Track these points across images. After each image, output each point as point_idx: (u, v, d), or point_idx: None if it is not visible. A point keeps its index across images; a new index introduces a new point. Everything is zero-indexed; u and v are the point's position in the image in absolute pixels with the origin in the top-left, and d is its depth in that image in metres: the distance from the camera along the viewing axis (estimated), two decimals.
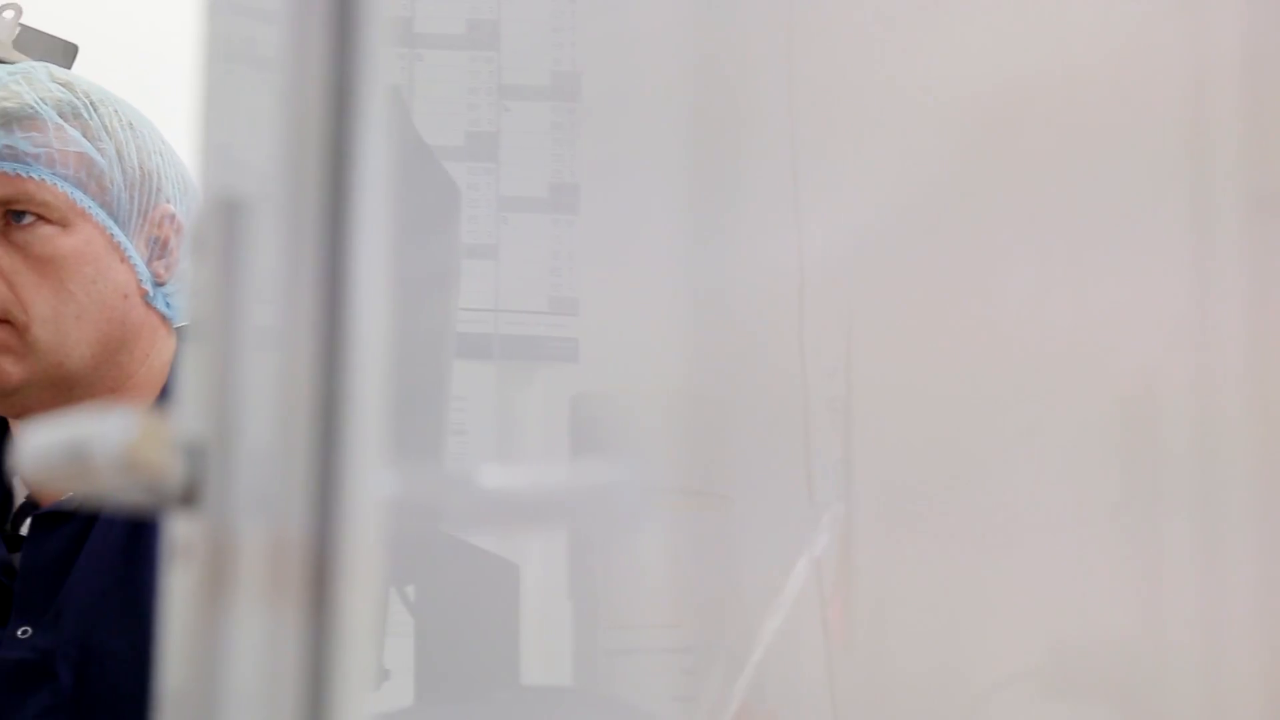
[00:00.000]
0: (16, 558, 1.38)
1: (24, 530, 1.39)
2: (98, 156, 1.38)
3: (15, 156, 1.36)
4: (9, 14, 2.18)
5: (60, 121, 1.37)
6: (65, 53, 2.22)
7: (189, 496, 0.53)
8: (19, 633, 1.34)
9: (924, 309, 0.95)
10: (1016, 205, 0.93)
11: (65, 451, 0.52)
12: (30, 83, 1.39)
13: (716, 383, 1.06)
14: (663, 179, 1.09)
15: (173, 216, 1.43)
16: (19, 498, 1.42)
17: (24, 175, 1.36)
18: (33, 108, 1.37)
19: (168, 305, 1.44)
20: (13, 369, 1.35)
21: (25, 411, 1.39)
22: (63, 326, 1.36)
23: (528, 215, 1.20)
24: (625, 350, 1.12)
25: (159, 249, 1.42)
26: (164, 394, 1.43)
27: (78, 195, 1.37)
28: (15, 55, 2.13)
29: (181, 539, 0.54)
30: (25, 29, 2.20)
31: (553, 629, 1.08)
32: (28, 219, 1.36)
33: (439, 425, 1.14)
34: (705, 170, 1.07)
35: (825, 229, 0.99)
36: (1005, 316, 0.92)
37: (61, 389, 1.37)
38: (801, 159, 1.00)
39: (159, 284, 1.42)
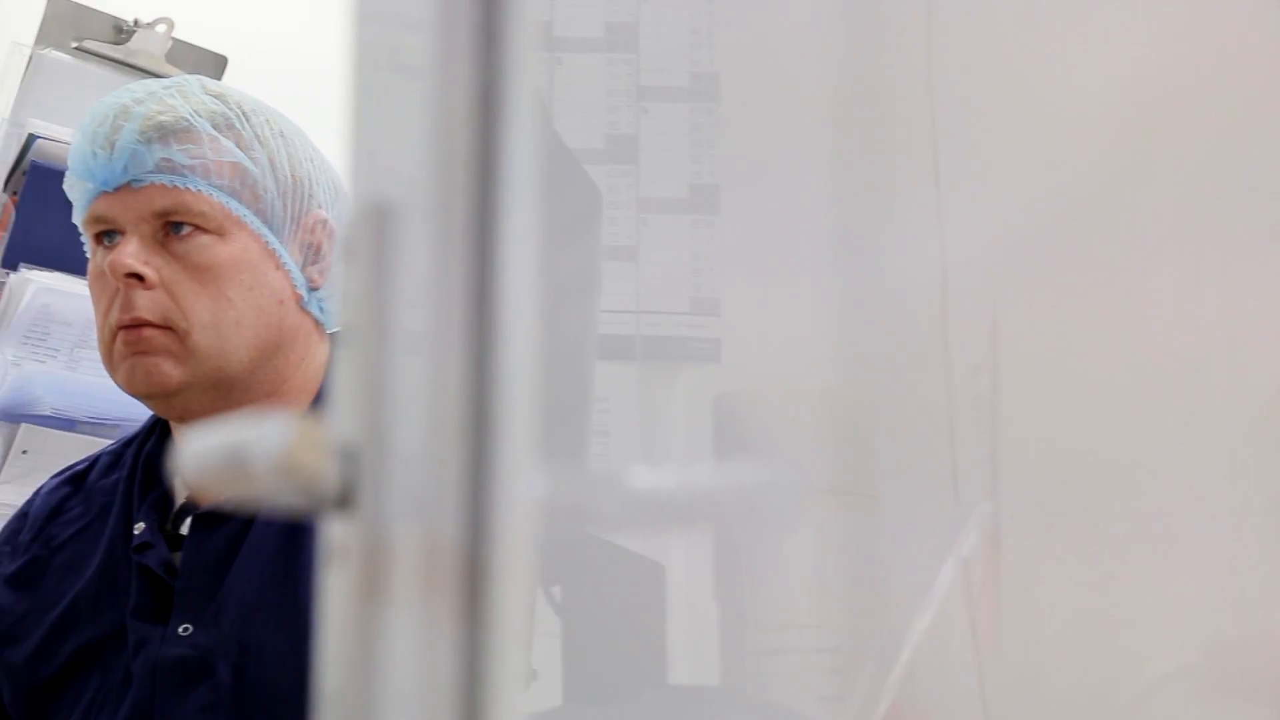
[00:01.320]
0: (178, 556, 1.41)
1: (184, 530, 1.42)
2: (251, 166, 1.40)
3: (172, 169, 1.38)
4: (161, 28, 2.22)
5: (214, 133, 1.40)
6: (215, 65, 2.26)
7: (344, 500, 0.54)
8: (180, 630, 1.37)
9: (1070, 306, 0.94)
10: (1165, 202, 0.91)
11: (225, 455, 0.53)
12: (184, 96, 1.41)
13: (860, 382, 1.06)
14: (804, 178, 1.08)
15: (325, 222, 1.45)
16: (179, 498, 1.45)
17: (181, 187, 1.38)
18: (187, 120, 1.39)
19: (321, 310, 1.46)
20: (174, 372, 1.38)
21: (186, 413, 1.42)
22: (222, 332, 1.38)
23: (667, 216, 1.20)
24: (768, 350, 1.12)
25: (312, 254, 1.44)
26: (319, 398, 1.45)
27: (233, 204, 1.39)
28: (168, 68, 2.17)
29: (336, 541, 0.54)
30: (176, 42, 2.24)
31: (699, 629, 1.08)
32: (186, 229, 1.39)
33: (583, 427, 1.15)
34: (846, 169, 1.07)
35: (968, 227, 0.98)
36: (1155, 314, 0.90)
37: (220, 392, 1.40)
38: (943, 157, 0.99)
39: (313, 289, 1.44)
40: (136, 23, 2.22)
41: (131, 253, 1.37)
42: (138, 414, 1.56)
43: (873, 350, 1.05)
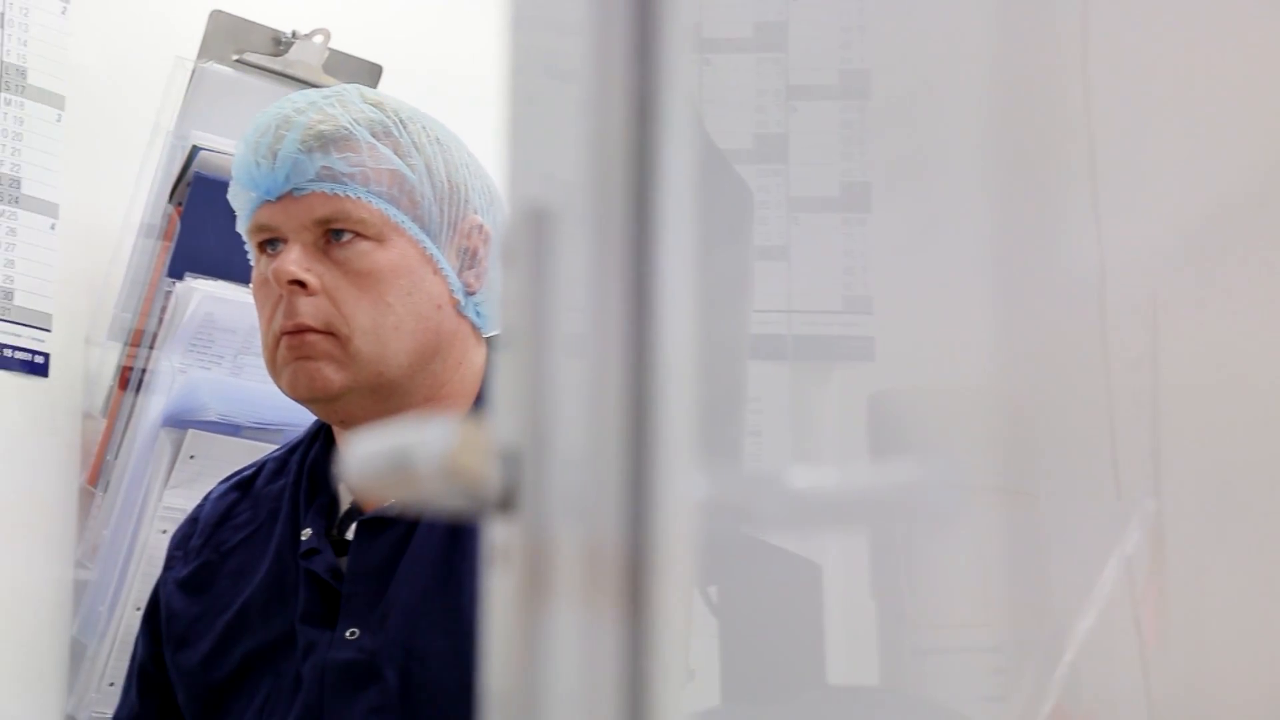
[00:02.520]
0: (343, 561, 1.43)
1: (349, 535, 1.44)
2: (409, 173, 1.42)
3: (333, 177, 1.41)
4: (318, 39, 2.26)
5: (373, 141, 1.42)
6: (370, 74, 2.29)
7: (506, 502, 0.54)
8: (347, 634, 1.39)
9: (1232, 301, 0.92)
10: None
11: (389, 460, 0.54)
12: (343, 105, 1.43)
13: (1018, 378, 1.05)
14: (957, 175, 1.07)
15: (480, 227, 1.46)
16: (344, 503, 1.47)
17: (341, 194, 1.41)
18: (347, 129, 1.41)
19: (478, 314, 1.47)
20: (336, 377, 1.40)
21: (347, 417, 1.45)
22: (382, 337, 1.40)
23: (818, 215, 1.19)
24: (923, 348, 1.11)
25: (469, 259, 1.46)
26: (478, 401, 1.46)
27: (391, 211, 1.41)
28: (324, 79, 2.21)
29: (499, 543, 0.55)
30: (333, 53, 2.27)
31: (857, 629, 1.08)
32: (346, 236, 1.41)
33: (737, 427, 1.14)
34: (1001, 166, 1.06)
35: (1126, 223, 0.97)
36: None
37: (381, 396, 1.42)
38: (1100, 154, 0.97)
39: (469, 293, 1.46)
40: (294, 34, 2.26)
41: (294, 260, 1.40)
42: (300, 419, 1.59)
43: (1030, 347, 1.03)
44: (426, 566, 1.39)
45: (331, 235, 1.41)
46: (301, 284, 1.40)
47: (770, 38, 1.24)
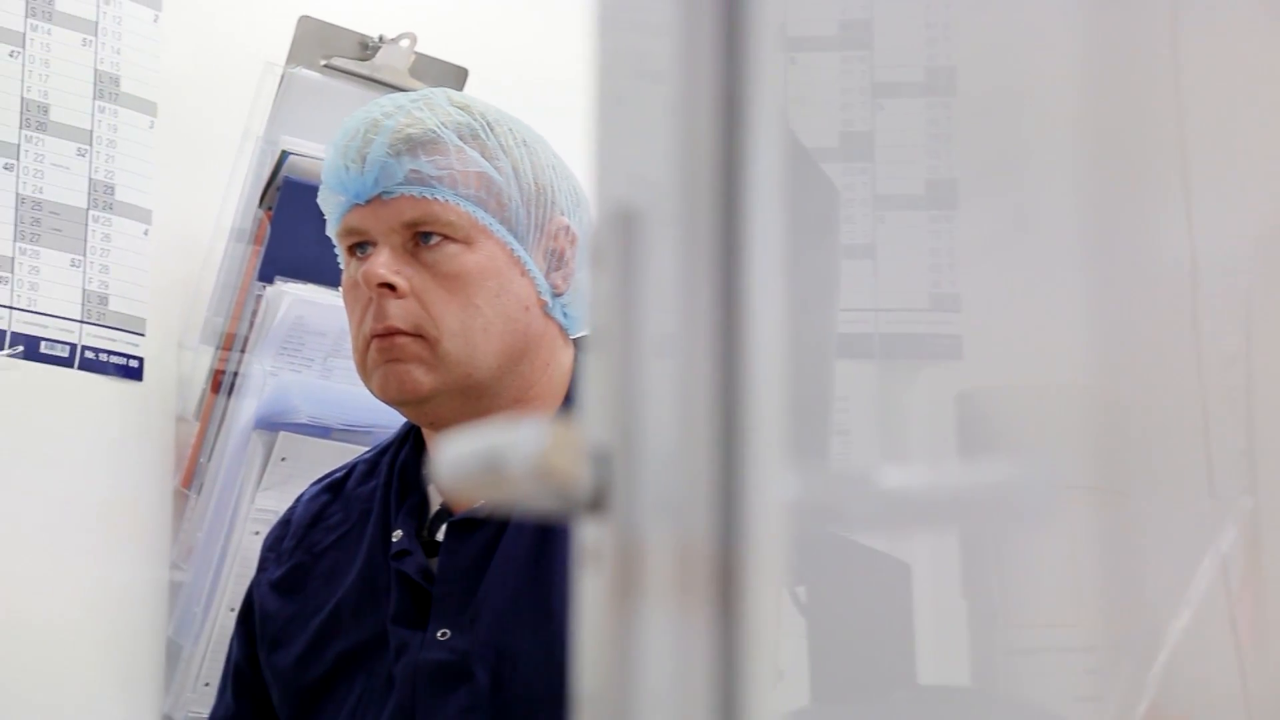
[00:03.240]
0: (434, 562, 1.44)
1: (440, 536, 1.45)
2: (496, 175, 1.43)
3: (421, 180, 1.41)
4: (404, 43, 2.27)
5: (460, 143, 1.43)
6: (456, 77, 2.31)
7: (597, 502, 0.54)
8: (438, 635, 1.40)
9: None
10: None
11: (481, 461, 0.54)
12: (431, 108, 1.44)
13: (1109, 376, 1.04)
14: (1045, 173, 1.06)
15: (567, 228, 1.47)
16: (434, 505, 1.48)
17: (429, 197, 1.41)
18: (434, 132, 1.42)
19: (565, 315, 1.47)
20: (425, 379, 1.41)
21: (437, 419, 1.46)
22: (471, 339, 1.41)
23: (904, 213, 1.19)
24: (1012, 346, 1.10)
25: (555, 260, 1.46)
26: (566, 402, 1.47)
27: (479, 213, 1.42)
28: (411, 82, 2.22)
29: (590, 544, 0.55)
30: (419, 56, 2.29)
31: (948, 628, 1.07)
32: (435, 239, 1.42)
33: (825, 427, 1.14)
34: (1090, 163, 1.05)
35: (1219, 221, 0.96)
36: None
37: (470, 398, 1.42)
38: (1191, 147, 0.96)
39: (557, 294, 1.46)
40: (381, 39, 2.28)
41: (383, 263, 1.41)
42: (389, 421, 1.60)
43: (1123, 344, 1.03)
44: (516, 567, 1.39)
45: (420, 238, 1.42)
46: (391, 287, 1.41)
47: (855, 35, 1.23)
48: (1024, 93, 1.10)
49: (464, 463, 0.55)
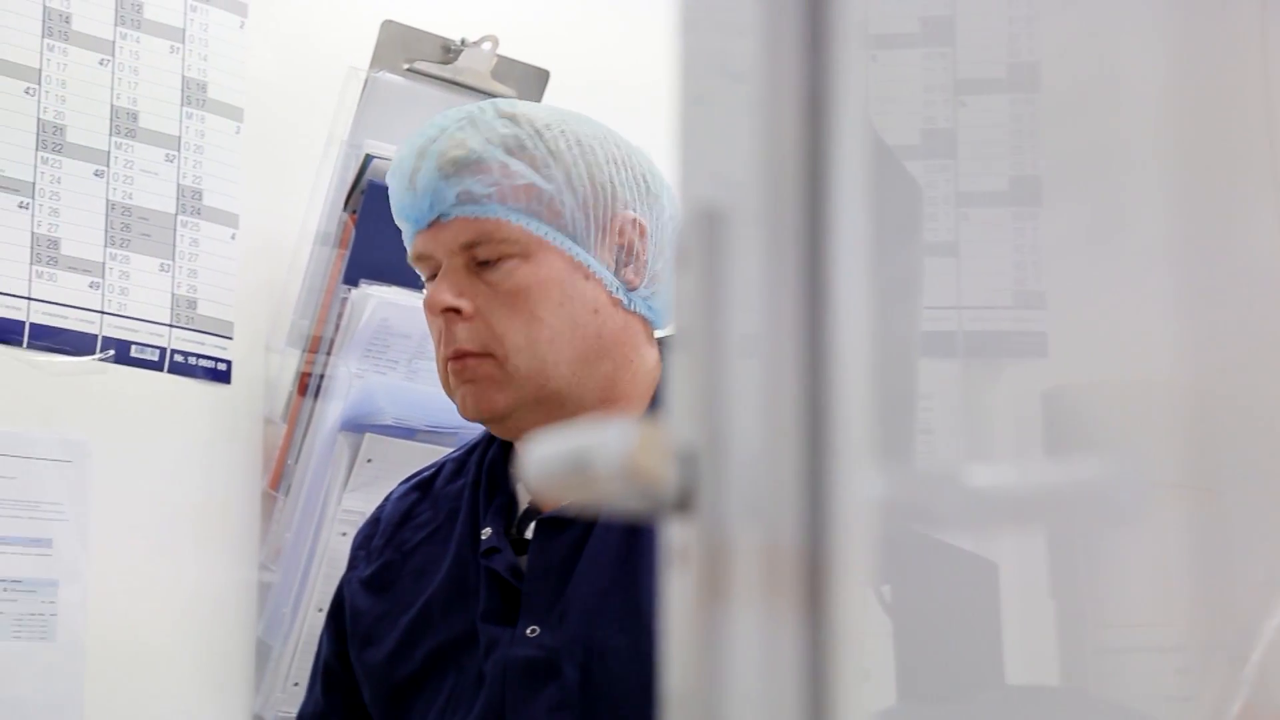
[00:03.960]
0: (523, 560, 1.45)
1: (528, 534, 1.46)
2: (545, 184, 1.43)
3: (472, 199, 1.42)
4: (486, 46, 2.28)
5: (505, 158, 1.42)
6: (538, 79, 2.32)
7: (684, 502, 0.54)
8: (528, 632, 1.41)
9: None
10: None
11: (568, 461, 0.54)
12: (476, 126, 1.44)
13: (1199, 373, 1.03)
14: (1131, 169, 1.05)
15: (634, 221, 1.46)
16: (522, 503, 1.49)
17: (482, 216, 1.42)
18: (478, 151, 1.42)
19: (649, 308, 1.47)
20: (499, 397, 1.42)
21: (520, 432, 1.46)
22: (538, 352, 1.41)
23: (988, 210, 1.18)
24: (1098, 343, 1.09)
25: (625, 255, 1.46)
26: (654, 402, 1.47)
27: (533, 225, 1.42)
28: (494, 85, 2.24)
29: (677, 543, 0.55)
30: (501, 59, 2.30)
31: (1036, 628, 1.06)
32: (493, 257, 1.42)
33: (909, 426, 1.14)
34: (1178, 156, 1.04)
35: None
36: None
37: (550, 406, 1.43)
38: None
39: (631, 289, 1.46)
40: (463, 42, 2.29)
41: (446, 288, 1.42)
42: (474, 423, 1.61)
43: (1211, 341, 1.02)
44: (605, 565, 1.40)
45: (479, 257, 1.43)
46: (455, 310, 1.42)
47: (937, 32, 1.23)
48: (1109, 88, 1.09)
49: (551, 463, 0.55)
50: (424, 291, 1.49)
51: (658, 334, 1.51)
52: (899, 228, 1.16)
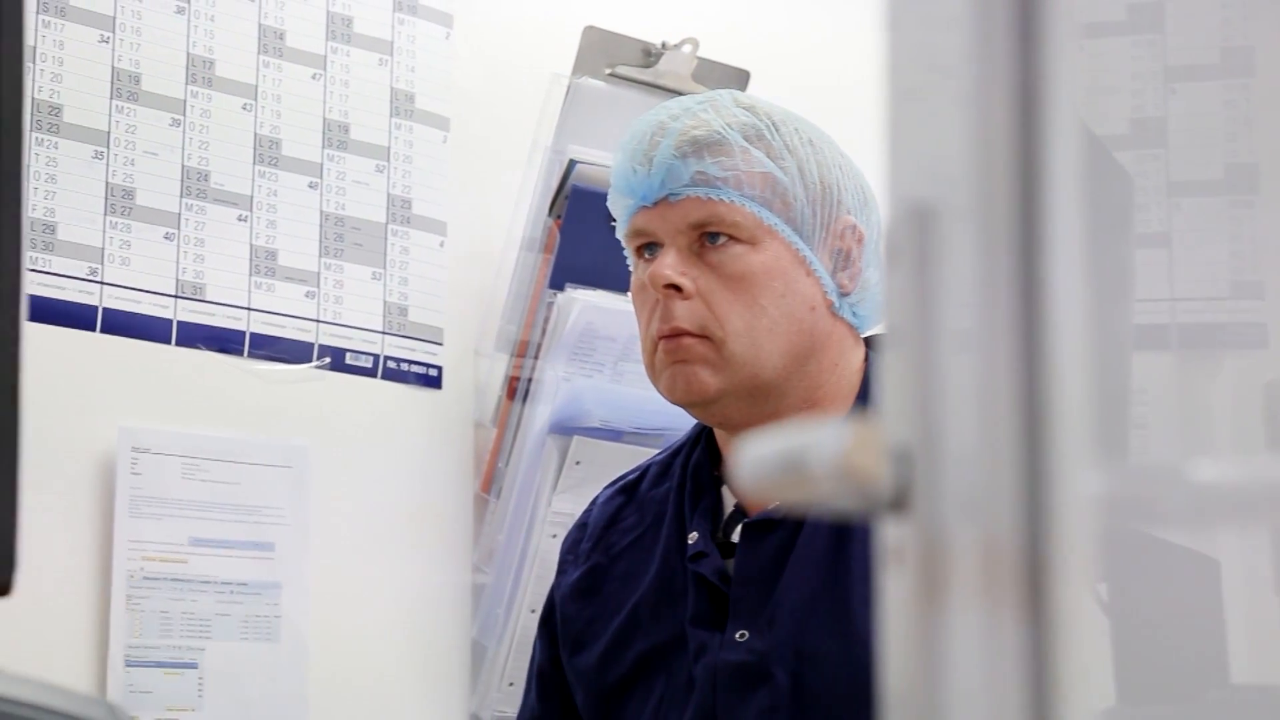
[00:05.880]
0: (730, 564, 1.45)
1: (735, 537, 1.46)
2: (781, 175, 1.43)
3: (706, 181, 1.43)
4: (687, 48, 2.30)
5: (745, 144, 1.43)
6: (738, 80, 2.32)
7: (899, 502, 0.54)
8: (737, 636, 1.41)
9: None
10: None
11: (782, 462, 0.54)
12: (717, 110, 1.45)
13: None
14: None
15: (854, 228, 1.46)
16: (728, 506, 1.49)
17: (715, 198, 1.43)
18: (720, 134, 1.43)
19: (854, 315, 1.47)
20: (711, 380, 1.42)
21: (724, 419, 1.46)
22: (756, 340, 1.41)
23: (1202, 199, 1.16)
24: None
25: (842, 260, 1.46)
26: (858, 402, 1.46)
27: (764, 214, 1.43)
28: (694, 87, 2.24)
29: (893, 544, 0.55)
30: (701, 61, 2.31)
31: (1263, 626, 1.04)
32: (721, 239, 1.43)
33: (1124, 421, 1.12)
34: None
35: None
36: None
37: (756, 398, 1.43)
38: None
39: (843, 294, 1.46)
40: (664, 45, 2.30)
41: (670, 264, 1.42)
42: (680, 424, 1.62)
43: None
44: (813, 568, 1.39)
45: (706, 239, 1.43)
46: (677, 288, 1.42)
47: (1146, 18, 1.21)
48: None
49: (765, 464, 0.55)
50: (632, 274, 1.50)
51: (864, 335, 1.51)
52: (1110, 219, 1.14)
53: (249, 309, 2.10)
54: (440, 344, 2.24)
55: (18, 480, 0.80)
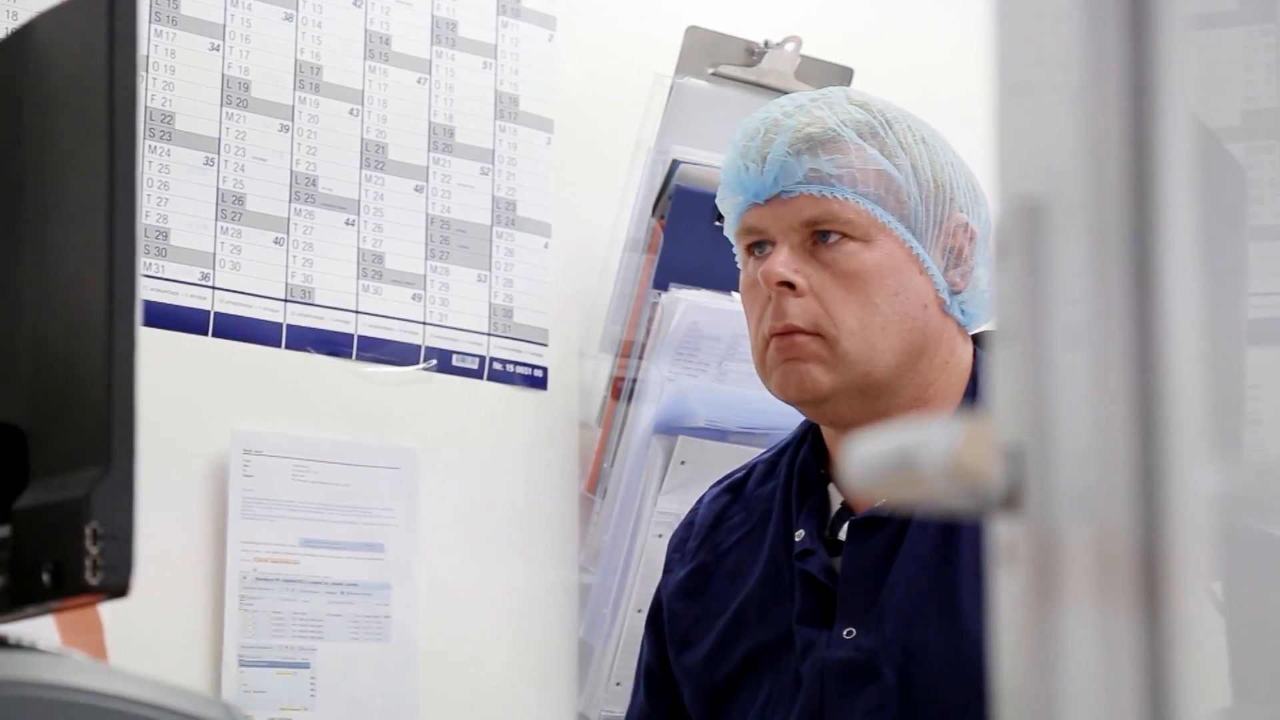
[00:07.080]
0: (836, 561, 1.44)
1: (842, 535, 1.45)
2: (894, 172, 1.43)
3: (820, 179, 1.42)
4: (790, 47, 2.29)
5: (859, 142, 1.43)
6: (841, 77, 2.31)
7: (1011, 499, 0.54)
8: (844, 634, 1.40)
9: None
10: None
11: (893, 461, 0.54)
12: (830, 106, 1.45)
13: None
14: None
15: (965, 226, 1.45)
16: (834, 504, 1.49)
17: (829, 196, 1.42)
18: (834, 130, 1.43)
19: (963, 313, 1.46)
20: (824, 378, 1.41)
21: (835, 418, 1.46)
22: (869, 337, 1.41)
23: None
24: None
25: (954, 258, 1.45)
26: (966, 399, 1.45)
27: (878, 211, 1.42)
28: (797, 85, 2.24)
29: (1005, 542, 0.54)
30: (804, 59, 2.30)
31: None
32: (834, 237, 1.42)
33: (1238, 416, 1.10)
34: None
35: None
36: None
37: (868, 396, 1.42)
38: None
39: (955, 292, 1.45)
40: (767, 44, 2.30)
41: (783, 261, 1.42)
42: (785, 423, 1.61)
43: None
44: (921, 566, 1.39)
45: (819, 236, 1.43)
46: (790, 285, 1.42)
47: (1258, 9, 1.19)
48: None
49: (875, 462, 0.55)
50: (742, 272, 1.49)
51: (973, 333, 1.50)
52: (1223, 213, 1.12)
53: (357, 312, 2.12)
54: (545, 345, 2.25)
55: (135, 484, 0.81)
